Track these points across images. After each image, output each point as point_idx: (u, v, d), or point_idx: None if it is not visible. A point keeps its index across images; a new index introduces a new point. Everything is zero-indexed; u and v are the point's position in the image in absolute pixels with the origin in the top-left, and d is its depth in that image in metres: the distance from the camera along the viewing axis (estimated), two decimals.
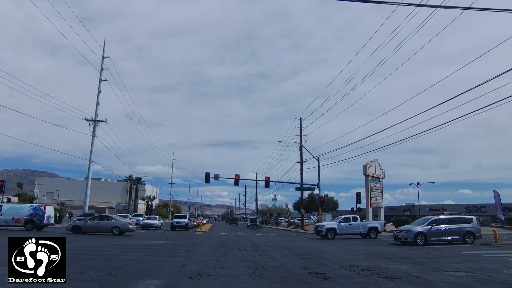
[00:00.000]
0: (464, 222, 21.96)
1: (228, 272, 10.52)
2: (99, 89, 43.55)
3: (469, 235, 21.24)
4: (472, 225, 21.74)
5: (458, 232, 21.15)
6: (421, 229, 21.00)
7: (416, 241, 20.62)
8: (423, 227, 21.21)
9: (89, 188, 43.58)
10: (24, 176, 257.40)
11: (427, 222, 21.35)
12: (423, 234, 20.89)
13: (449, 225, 21.37)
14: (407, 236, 21.09)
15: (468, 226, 21.51)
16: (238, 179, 44.02)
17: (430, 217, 22.92)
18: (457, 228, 21.30)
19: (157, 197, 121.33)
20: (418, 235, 20.80)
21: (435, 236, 20.84)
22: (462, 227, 21.37)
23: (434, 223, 21.04)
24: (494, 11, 10.56)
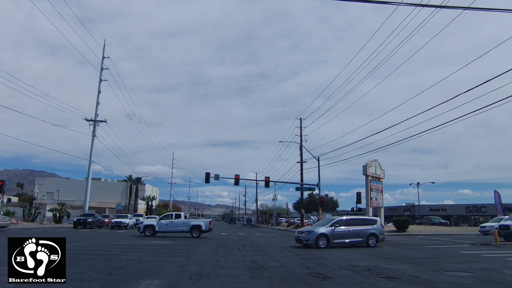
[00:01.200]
0: (368, 223, 20.79)
1: (228, 272, 10.52)
2: (99, 89, 43.60)
3: (373, 237, 19.95)
4: (376, 227, 20.52)
5: (362, 234, 19.88)
6: (323, 231, 19.25)
7: (317, 244, 18.86)
8: (325, 228, 19.47)
9: (89, 188, 43.60)
10: (24, 176, 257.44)
11: (330, 223, 19.83)
12: (325, 236, 19.18)
13: (353, 226, 19.96)
14: (309, 238, 19.28)
15: (372, 228, 20.25)
16: (238, 179, 44.02)
17: (333, 218, 21.76)
18: (361, 230, 19.98)
19: (157, 197, 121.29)
20: (320, 237, 19.05)
21: (338, 238, 19.33)
22: (366, 229, 20.09)
23: (337, 224, 19.55)
24: (494, 11, 10.57)
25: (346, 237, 19.55)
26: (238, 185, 47.63)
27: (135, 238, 25.01)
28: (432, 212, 78.09)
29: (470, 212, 78.02)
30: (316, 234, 19.08)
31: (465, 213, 77.58)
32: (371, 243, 19.77)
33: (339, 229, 19.41)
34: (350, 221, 20.57)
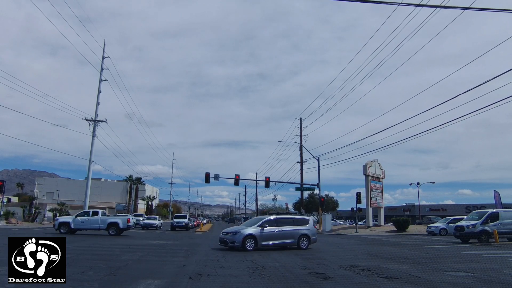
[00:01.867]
0: (300, 223, 19.08)
1: (228, 272, 10.52)
2: (99, 89, 43.52)
3: (304, 238, 18.39)
4: (308, 227, 18.93)
5: (293, 235, 18.28)
6: (251, 232, 17.40)
7: (244, 246, 16.93)
8: (253, 229, 17.62)
9: (89, 188, 43.56)
10: (24, 176, 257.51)
11: (259, 223, 18.00)
12: (253, 237, 17.30)
13: (283, 227, 18.31)
14: (234, 240, 17.21)
15: (304, 229, 18.57)
16: (238, 179, 44.02)
17: (262, 217, 19.94)
18: (292, 230, 18.33)
19: (157, 197, 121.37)
20: (247, 238, 17.14)
21: (267, 240, 17.57)
22: (297, 230, 18.45)
23: (266, 224, 17.80)
24: (494, 11, 10.57)
25: (276, 238, 17.81)
26: (238, 185, 47.68)
27: (135, 238, 25.00)
28: (432, 212, 78.09)
29: (470, 212, 77.94)
30: (243, 235, 17.20)
31: (465, 213, 77.18)
32: (302, 245, 18.18)
33: (269, 230, 17.66)
34: (281, 220, 19.01)
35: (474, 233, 22.33)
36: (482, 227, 22.21)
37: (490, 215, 22.78)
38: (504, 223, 22.46)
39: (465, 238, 23.12)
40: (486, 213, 23.22)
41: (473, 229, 22.41)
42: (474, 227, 22.44)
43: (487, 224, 22.32)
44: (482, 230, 22.12)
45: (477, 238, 22.30)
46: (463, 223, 24.07)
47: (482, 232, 22.12)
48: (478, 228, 22.26)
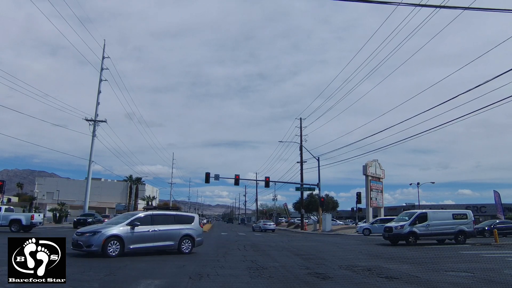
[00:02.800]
0: (182, 221, 15.76)
1: (228, 272, 10.52)
2: (99, 89, 43.53)
3: (187, 240, 15.31)
4: (193, 227, 15.90)
5: (173, 236, 14.87)
6: (116, 232, 13.40)
7: (105, 251, 12.92)
8: (120, 228, 13.62)
9: (89, 188, 43.57)
10: (24, 176, 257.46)
11: (128, 221, 14.00)
12: (118, 238, 13.32)
13: (161, 226, 14.65)
14: (91, 242, 12.96)
15: (188, 228, 15.53)
16: (238, 179, 44.03)
17: (134, 213, 15.46)
18: (172, 230, 14.93)
19: (157, 197, 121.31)
20: (110, 240, 13.11)
21: (138, 242, 13.84)
22: (178, 230, 15.13)
23: (137, 222, 13.98)
24: (494, 11, 10.57)
25: (149, 240, 14.15)
26: (238, 185, 47.73)
27: None
28: None
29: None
30: (104, 236, 13.04)
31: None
32: (184, 249, 15.05)
33: (141, 230, 13.91)
34: (158, 218, 14.98)
35: (402, 235, 21.26)
36: (410, 228, 21.19)
37: (418, 216, 21.76)
38: (432, 224, 21.53)
39: (393, 240, 21.92)
40: (415, 214, 22.15)
41: (401, 230, 21.33)
42: (402, 228, 21.34)
43: (415, 225, 21.33)
44: (410, 232, 21.13)
45: (405, 239, 21.27)
46: (391, 224, 22.94)
47: (410, 233, 21.13)
48: (406, 229, 21.19)
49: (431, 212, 22.67)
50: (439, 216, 22.31)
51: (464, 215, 22.94)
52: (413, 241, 21.08)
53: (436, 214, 22.51)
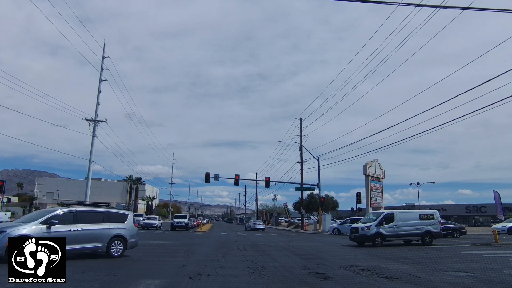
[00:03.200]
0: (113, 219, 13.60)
1: (228, 272, 10.52)
2: (99, 89, 43.46)
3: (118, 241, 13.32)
4: (126, 226, 13.84)
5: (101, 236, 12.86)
6: (27, 232, 10.99)
7: None
8: (33, 227, 11.36)
9: (89, 188, 43.53)
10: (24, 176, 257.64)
11: (44, 218, 11.72)
12: None
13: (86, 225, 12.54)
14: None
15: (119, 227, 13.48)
16: (238, 179, 44.03)
17: (52, 210, 12.87)
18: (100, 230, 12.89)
19: (157, 197, 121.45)
20: None
21: None
22: (108, 229, 13.09)
23: (55, 220, 11.71)
24: (494, 11, 10.57)
25: (71, 242, 11.37)
26: (238, 185, 47.78)
27: None
28: None
29: (470, 212, 78.08)
30: (9, 237, 10.09)
31: (465, 213, 77.69)
32: (114, 252, 13.11)
33: (59, 229, 11.63)
34: (82, 215, 12.76)
35: (368, 236, 20.31)
36: (376, 229, 20.27)
37: (385, 216, 20.93)
38: (399, 225, 20.74)
39: (360, 241, 20.88)
40: (382, 214, 21.38)
41: (368, 231, 20.37)
42: (368, 229, 20.40)
43: (382, 226, 20.44)
44: (376, 233, 20.21)
45: (371, 241, 20.28)
46: (358, 225, 21.96)
47: (377, 234, 20.22)
48: (373, 230, 20.26)
49: (398, 213, 22.03)
50: (406, 217, 21.67)
51: (430, 216, 22.21)
52: (380, 243, 20.21)
53: (403, 215, 21.89)
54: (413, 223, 21.24)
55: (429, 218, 21.95)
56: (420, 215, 22.10)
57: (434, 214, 22.48)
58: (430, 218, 21.96)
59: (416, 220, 21.52)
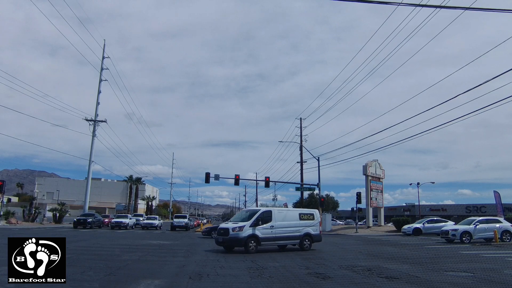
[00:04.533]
0: None
1: (228, 272, 10.52)
2: (99, 89, 43.61)
3: None
4: None
5: None
6: None
7: None
8: None
9: (89, 188, 43.62)
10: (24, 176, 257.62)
11: None
12: None
13: None
14: None
15: None
16: (238, 179, 44.00)
17: None
18: None
19: (157, 197, 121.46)
20: None
21: None
22: None
23: None
24: (494, 11, 10.57)
25: None
26: (238, 185, 47.64)
27: (135, 238, 25.01)
28: (432, 212, 78.06)
29: (470, 212, 78.00)
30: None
31: (465, 213, 77.56)
32: None
33: None
34: None
35: (240, 239, 16.22)
36: (251, 231, 16.37)
37: (262, 215, 17.12)
38: (278, 226, 17.22)
39: (229, 245, 16.95)
40: (257, 212, 17.33)
41: (240, 233, 16.27)
42: (241, 231, 16.30)
43: (257, 226, 16.61)
44: (251, 235, 16.30)
45: (244, 245, 16.27)
46: (227, 225, 17.57)
47: (251, 237, 16.30)
48: (247, 232, 16.33)
49: (277, 211, 18.43)
50: (285, 216, 18.13)
51: (310, 215, 18.96)
52: (254, 248, 16.33)
53: (282, 213, 18.32)
54: (293, 224, 17.97)
55: (309, 218, 18.73)
56: (300, 214, 18.74)
57: (314, 214, 19.22)
58: (310, 218, 18.75)
59: (296, 220, 18.23)
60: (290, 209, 23.19)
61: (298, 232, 18.03)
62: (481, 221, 23.90)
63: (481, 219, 24.50)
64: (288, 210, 21.82)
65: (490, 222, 24.19)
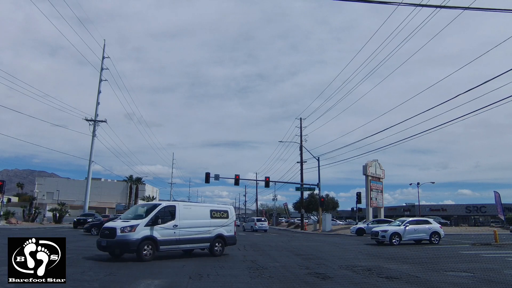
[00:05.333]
0: None
1: (228, 272, 10.52)
2: (99, 89, 43.59)
3: None
4: None
5: None
6: None
7: None
8: None
9: (89, 188, 43.61)
10: (24, 176, 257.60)
11: None
12: None
13: None
14: None
15: None
16: (238, 179, 44.01)
17: None
18: None
19: (157, 197, 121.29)
20: None
21: None
22: None
23: None
24: (494, 11, 10.57)
25: None
26: (238, 185, 47.69)
27: None
28: (432, 212, 78.12)
29: (470, 212, 78.09)
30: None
31: (465, 213, 77.68)
32: None
33: None
34: None
35: (131, 242, 12.36)
36: (147, 232, 12.74)
37: (162, 211, 13.41)
38: (183, 225, 13.81)
39: (114, 251, 12.91)
40: (157, 207, 13.54)
41: (131, 234, 12.45)
42: (132, 231, 12.51)
43: (155, 226, 12.97)
44: (146, 238, 12.65)
45: (136, 251, 12.55)
46: (115, 223, 13.37)
47: (146, 240, 12.66)
48: (140, 232, 12.59)
49: (182, 206, 14.48)
50: (193, 213, 14.58)
51: (224, 213, 15.77)
52: (150, 254, 12.70)
53: (189, 210, 14.59)
54: (202, 223, 14.64)
55: (223, 216, 15.62)
56: (212, 211, 15.42)
57: (228, 211, 16.12)
58: (223, 216, 15.64)
59: (206, 218, 14.98)
60: (200, 204, 18.53)
61: (209, 233, 14.73)
62: (411, 222, 22.92)
63: (411, 220, 23.57)
64: (197, 205, 16.53)
65: (420, 223, 23.31)
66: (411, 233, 22.20)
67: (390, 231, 21.95)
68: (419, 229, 22.48)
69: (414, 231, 22.30)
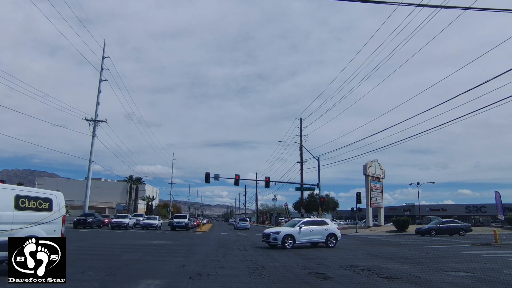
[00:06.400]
0: None
1: (228, 272, 10.52)
2: (99, 89, 43.54)
3: None
4: None
5: None
6: None
7: None
8: None
9: (89, 188, 43.56)
10: (24, 176, 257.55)
11: None
12: None
13: None
14: None
15: None
16: (238, 179, 43.98)
17: None
18: None
19: (157, 197, 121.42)
20: None
21: None
22: None
23: None
24: (494, 11, 10.57)
25: None
26: (238, 185, 47.59)
27: (135, 238, 25.00)
28: (432, 212, 78.16)
29: (470, 212, 78.12)
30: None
31: (465, 213, 77.70)
32: None
33: None
34: None
35: None
36: None
37: None
38: None
39: None
40: None
41: None
42: None
43: None
44: None
45: None
46: None
47: None
48: None
49: None
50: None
51: (45, 202, 10.06)
52: None
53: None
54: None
55: (41, 207, 9.86)
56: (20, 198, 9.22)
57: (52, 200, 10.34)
58: (42, 207, 9.91)
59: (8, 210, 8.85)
60: None
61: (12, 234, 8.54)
62: (306, 223, 20.51)
63: (306, 221, 21.17)
64: None
65: (316, 224, 20.85)
66: (306, 235, 19.93)
67: (282, 233, 19.44)
68: (315, 231, 20.25)
69: (309, 233, 20.08)
